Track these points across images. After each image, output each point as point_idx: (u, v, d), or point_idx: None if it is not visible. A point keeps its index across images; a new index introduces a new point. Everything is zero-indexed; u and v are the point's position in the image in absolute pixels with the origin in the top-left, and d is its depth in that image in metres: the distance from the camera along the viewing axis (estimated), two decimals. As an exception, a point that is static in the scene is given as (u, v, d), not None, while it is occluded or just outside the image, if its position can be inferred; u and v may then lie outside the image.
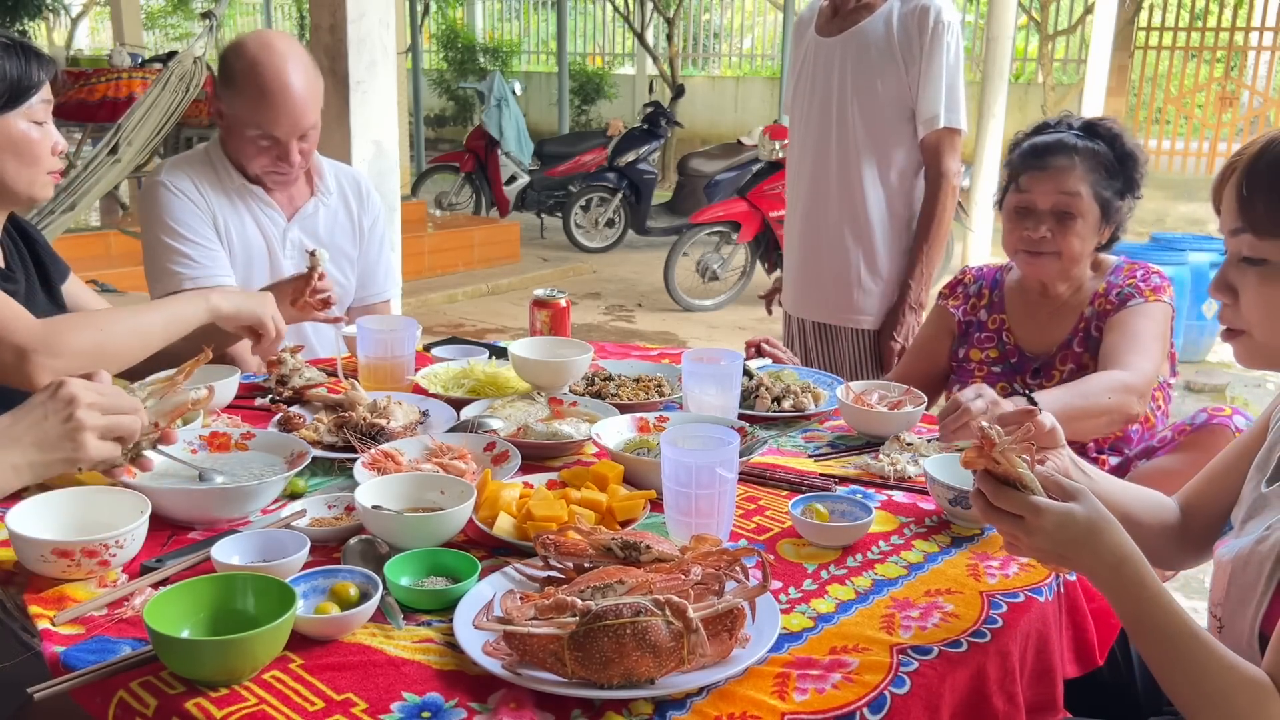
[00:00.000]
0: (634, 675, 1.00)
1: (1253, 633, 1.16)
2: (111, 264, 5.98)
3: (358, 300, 2.48)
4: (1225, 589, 1.23)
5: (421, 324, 2.12)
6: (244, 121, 2.14)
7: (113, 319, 1.74)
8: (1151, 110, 13.84)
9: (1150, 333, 2.00)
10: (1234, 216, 1.20)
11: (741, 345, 2.27)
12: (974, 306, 2.26)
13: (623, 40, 16.91)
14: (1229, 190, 1.21)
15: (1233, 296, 1.22)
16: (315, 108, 2.18)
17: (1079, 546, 1.10)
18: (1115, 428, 2.00)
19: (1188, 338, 5.64)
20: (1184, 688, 1.09)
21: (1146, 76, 13.69)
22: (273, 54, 2.12)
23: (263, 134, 2.14)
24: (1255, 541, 1.20)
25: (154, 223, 2.19)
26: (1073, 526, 1.10)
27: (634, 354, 2.30)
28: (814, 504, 1.43)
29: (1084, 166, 2.01)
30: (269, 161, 2.19)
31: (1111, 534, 1.11)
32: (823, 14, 2.72)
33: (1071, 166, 2.01)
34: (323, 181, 2.35)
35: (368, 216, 2.44)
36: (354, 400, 1.75)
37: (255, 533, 1.28)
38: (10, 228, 1.86)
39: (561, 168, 9.31)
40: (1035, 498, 1.11)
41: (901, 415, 1.79)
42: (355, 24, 3.33)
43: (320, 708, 1.00)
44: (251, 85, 2.10)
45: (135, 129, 4.52)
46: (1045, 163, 2.02)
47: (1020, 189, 2.06)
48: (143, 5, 15.72)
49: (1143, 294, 2.04)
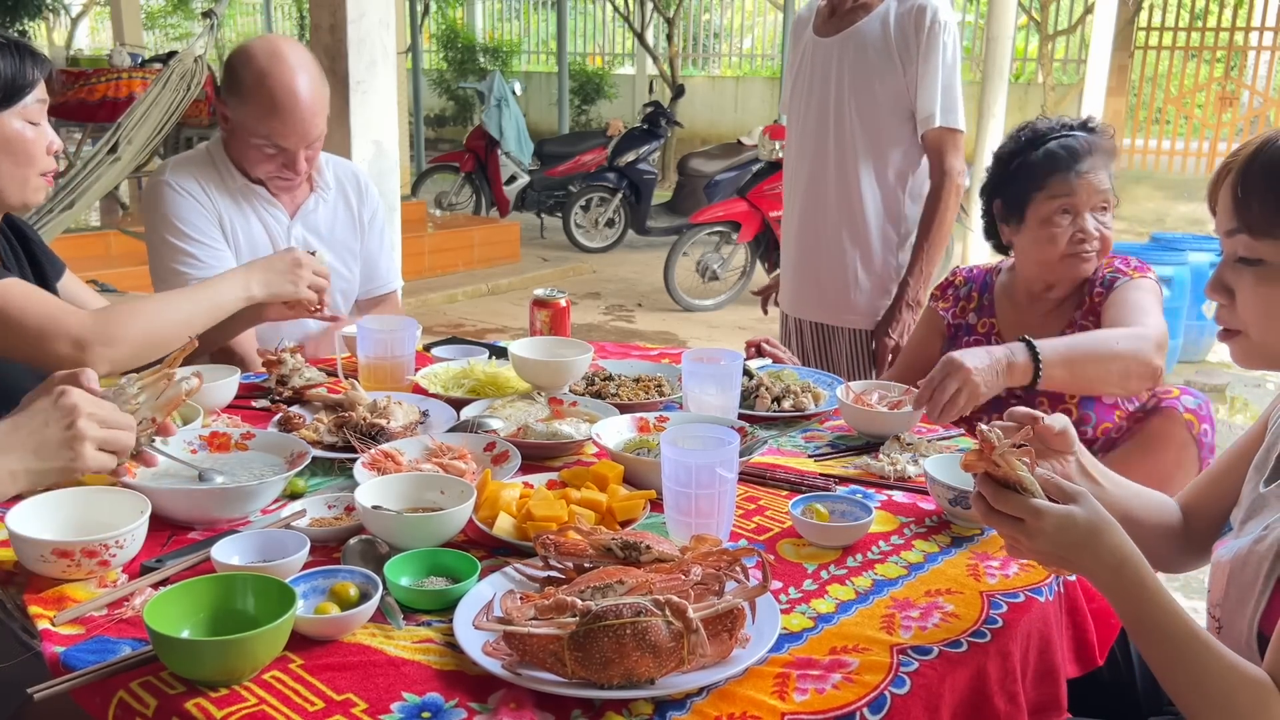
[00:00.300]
0: (634, 675, 1.00)
1: (1251, 632, 1.16)
2: (111, 264, 5.98)
3: (364, 293, 2.49)
4: (1224, 589, 1.23)
5: (421, 324, 2.12)
6: (251, 130, 2.13)
7: (161, 307, 1.82)
8: (1151, 110, 13.84)
9: (1147, 302, 2.00)
10: (1230, 217, 1.20)
11: (741, 345, 2.27)
12: (963, 309, 2.25)
13: (623, 40, 16.91)
14: (1225, 191, 1.21)
15: (1229, 297, 1.22)
16: (323, 117, 2.17)
17: (1079, 549, 1.11)
18: (1137, 383, 1.93)
19: (1188, 338, 5.64)
20: (1185, 688, 1.09)
21: (1146, 76, 13.69)
22: (283, 65, 2.09)
23: (270, 143, 2.13)
24: (1254, 541, 1.20)
25: (159, 222, 2.18)
26: (1072, 529, 1.10)
27: (634, 354, 2.30)
28: (814, 504, 1.43)
29: (1104, 162, 2.06)
30: (274, 168, 2.18)
31: (1111, 536, 1.11)
32: (820, 14, 2.72)
33: (1100, 165, 2.05)
34: (321, 177, 2.35)
35: (367, 210, 2.44)
36: (354, 400, 1.75)
37: (255, 533, 1.28)
38: (4, 226, 1.86)
39: (561, 168, 9.31)
40: (1035, 500, 1.11)
41: (901, 415, 1.78)
42: (355, 24, 3.33)
43: (320, 708, 1.00)
44: (261, 96, 2.08)
45: (135, 128, 4.52)
46: (1084, 164, 2.04)
47: (1060, 193, 2.03)
48: (143, 5, 15.71)
49: (1127, 274, 2.06)
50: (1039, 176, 2.06)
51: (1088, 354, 1.84)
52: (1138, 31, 13.42)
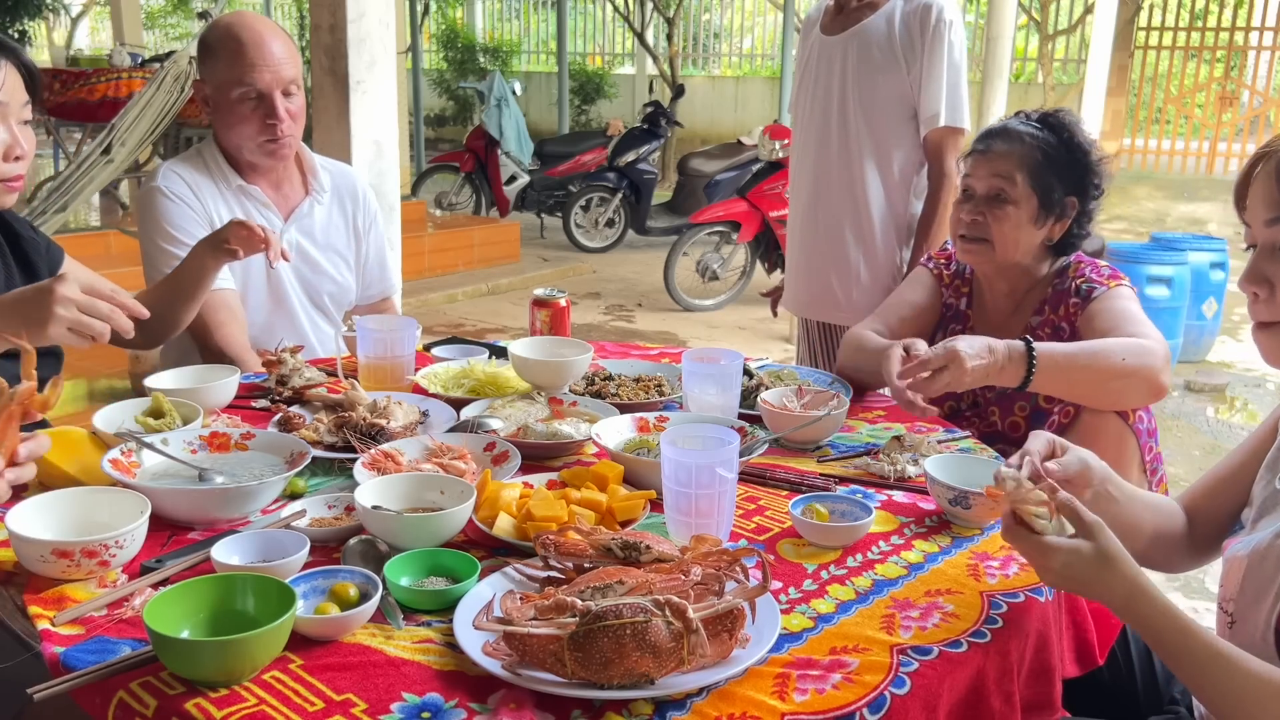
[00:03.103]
0: (634, 675, 1.00)
1: (1268, 627, 1.16)
2: (111, 264, 5.96)
3: (361, 299, 2.50)
4: (1239, 584, 1.23)
5: (421, 324, 2.12)
6: (227, 85, 2.16)
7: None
8: (1151, 110, 13.84)
9: (1134, 311, 1.91)
10: (1270, 205, 1.18)
11: (742, 345, 2.27)
12: (958, 291, 2.19)
13: (623, 40, 16.91)
14: (1261, 180, 1.19)
15: (1268, 289, 1.20)
16: (293, 63, 2.22)
17: (1089, 584, 1.14)
18: (1139, 400, 1.83)
19: (1188, 337, 5.64)
20: (1216, 703, 1.11)
21: (1146, 76, 13.69)
22: (243, 16, 2.27)
23: (246, 90, 2.15)
24: (1274, 536, 1.20)
25: (150, 228, 2.21)
26: (1079, 565, 1.12)
27: (634, 354, 2.29)
28: (814, 504, 1.43)
29: (1022, 152, 1.97)
30: (258, 126, 2.19)
31: (1120, 568, 1.12)
32: (828, 12, 2.72)
33: (1010, 152, 1.98)
34: (316, 180, 2.36)
35: (363, 218, 2.45)
36: (354, 400, 1.75)
37: (255, 533, 1.28)
38: None
39: (561, 168, 9.31)
40: (1046, 539, 1.14)
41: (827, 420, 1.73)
42: (355, 24, 3.34)
43: (320, 708, 1.00)
44: (228, 43, 2.16)
45: (129, 129, 4.53)
46: (987, 145, 2.01)
47: (963, 172, 2.06)
48: (143, 5, 15.71)
49: (1103, 284, 1.96)
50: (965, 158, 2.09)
51: (1088, 366, 1.76)
52: (1138, 31, 13.42)
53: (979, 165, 2.02)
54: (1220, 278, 5.76)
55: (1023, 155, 1.97)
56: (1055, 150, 1.98)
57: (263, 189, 2.30)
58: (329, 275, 2.38)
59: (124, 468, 1.46)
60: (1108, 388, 1.78)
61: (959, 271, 2.21)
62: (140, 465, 1.49)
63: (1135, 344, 1.79)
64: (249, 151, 2.23)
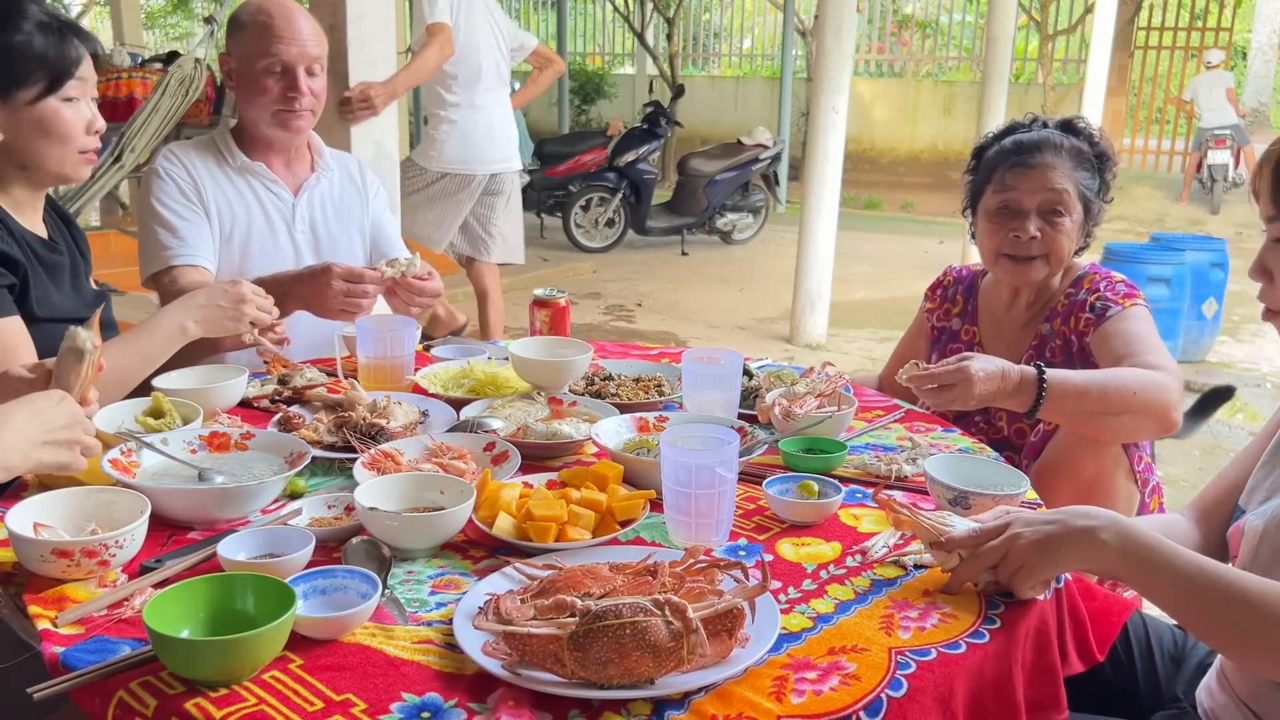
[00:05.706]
0: (633, 675, 1.00)
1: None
2: (111, 264, 5.95)
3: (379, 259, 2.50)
4: (1253, 553, 1.27)
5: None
6: (253, 57, 2.22)
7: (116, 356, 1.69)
8: (1151, 110, 13.83)
9: (1148, 335, 1.87)
10: (1269, 203, 1.28)
11: (742, 345, 2.27)
12: (948, 312, 2.18)
13: (623, 40, 16.89)
14: (1265, 179, 1.28)
15: (1269, 279, 1.30)
16: (320, 44, 2.29)
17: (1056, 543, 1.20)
18: (1149, 434, 1.80)
19: (1188, 337, 5.64)
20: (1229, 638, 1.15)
21: (1146, 76, 13.68)
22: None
23: (271, 63, 2.21)
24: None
25: (144, 206, 2.26)
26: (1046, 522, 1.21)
27: (634, 354, 2.29)
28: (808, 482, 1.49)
29: (1069, 162, 1.94)
30: (279, 95, 2.23)
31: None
32: None
33: (1058, 162, 1.93)
34: (322, 158, 2.43)
35: (370, 185, 2.51)
36: (354, 400, 1.75)
37: (261, 529, 1.29)
38: (49, 209, 1.88)
39: (561, 167, 9.30)
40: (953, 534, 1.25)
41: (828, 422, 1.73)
42: (355, 24, 3.34)
43: (320, 708, 1.00)
44: (258, 18, 2.22)
45: (138, 134, 4.62)
46: (1032, 159, 1.93)
47: (1005, 187, 1.95)
48: (143, 5, 15.71)
49: (1118, 303, 1.91)
50: (990, 170, 2.00)
51: (1100, 399, 1.69)
52: (1138, 31, 13.41)
53: (1022, 179, 1.94)
54: (1220, 277, 5.76)
55: (1070, 166, 1.94)
56: (1090, 158, 1.97)
57: (273, 166, 2.34)
58: (343, 245, 2.40)
59: (124, 467, 1.46)
60: (1118, 422, 1.72)
61: (948, 294, 2.20)
62: (140, 465, 1.50)
63: (1150, 378, 1.71)
64: (265, 124, 2.27)
